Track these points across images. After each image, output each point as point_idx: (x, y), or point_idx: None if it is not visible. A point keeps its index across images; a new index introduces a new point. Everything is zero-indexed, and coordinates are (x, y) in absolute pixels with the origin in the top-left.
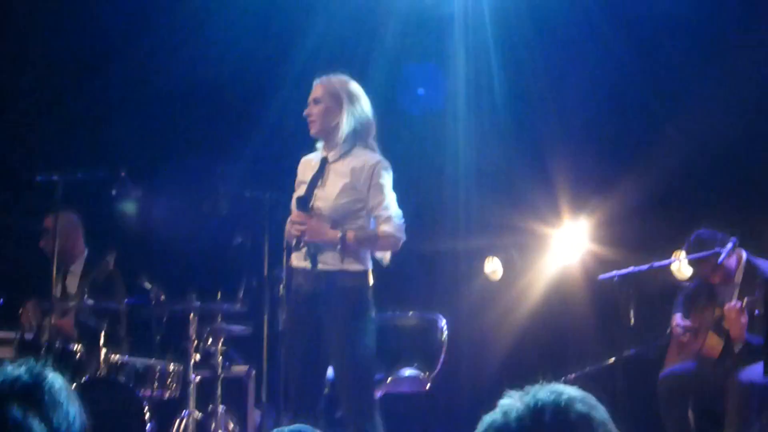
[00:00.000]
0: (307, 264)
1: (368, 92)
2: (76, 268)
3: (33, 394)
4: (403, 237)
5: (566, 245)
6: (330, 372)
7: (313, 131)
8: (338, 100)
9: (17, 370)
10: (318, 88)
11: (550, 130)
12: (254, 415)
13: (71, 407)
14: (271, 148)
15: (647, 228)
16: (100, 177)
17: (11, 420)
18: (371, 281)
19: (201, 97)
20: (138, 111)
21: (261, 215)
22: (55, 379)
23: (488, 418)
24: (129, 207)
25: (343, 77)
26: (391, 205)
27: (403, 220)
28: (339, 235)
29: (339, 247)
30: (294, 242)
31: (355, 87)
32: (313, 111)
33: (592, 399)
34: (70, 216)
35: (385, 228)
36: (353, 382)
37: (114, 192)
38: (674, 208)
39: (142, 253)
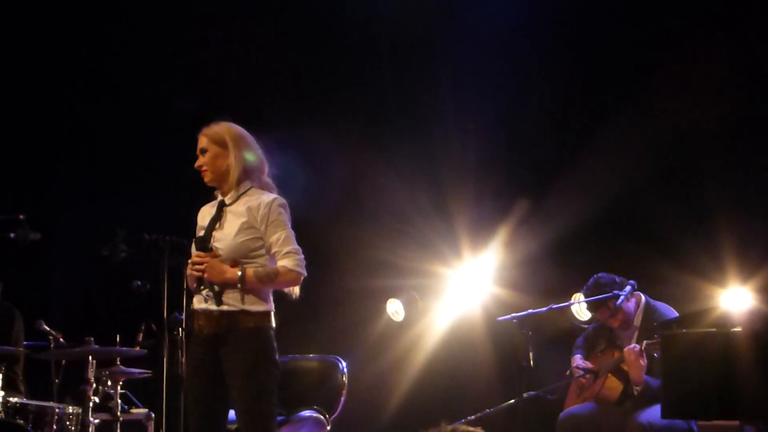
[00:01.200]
0: (208, 305)
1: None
2: None
3: None
4: (303, 273)
5: (467, 287)
6: (232, 414)
7: (207, 180)
8: (223, 144)
9: None
10: (201, 139)
11: (451, 170)
12: None
13: None
14: (171, 191)
15: (547, 271)
16: None
17: None
18: (273, 322)
19: (101, 140)
20: (37, 155)
21: (160, 259)
22: None
23: None
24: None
25: (224, 123)
26: (289, 241)
27: (302, 257)
28: (238, 273)
29: (239, 285)
30: (195, 285)
31: (238, 129)
32: (202, 161)
33: None
34: None
35: (284, 263)
36: (255, 425)
37: (12, 236)
38: (574, 253)
39: (40, 296)
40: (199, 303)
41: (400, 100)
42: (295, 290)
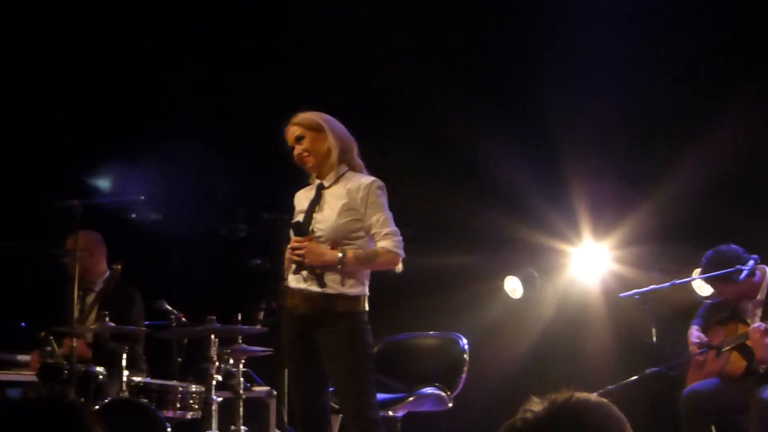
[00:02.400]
0: (306, 286)
1: None
2: (97, 287)
3: (55, 417)
4: (401, 254)
5: (586, 264)
6: None
7: (309, 165)
8: (318, 128)
9: (39, 394)
10: (293, 129)
11: (571, 146)
12: None
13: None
14: (290, 171)
15: (668, 247)
16: (120, 202)
17: None
18: (366, 306)
19: (220, 120)
20: (158, 136)
21: (278, 237)
22: (75, 402)
23: (509, 423)
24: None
25: (308, 111)
26: (388, 222)
27: (401, 238)
28: (339, 255)
29: (340, 267)
30: (293, 267)
31: (324, 114)
32: (301, 148)
33: (610, 407)
34: (93, 234)
35: (384, 244)
36: (355, 404)
37: (133, 216)
38: (696, 227)
39: (161, 276)
40: (296, 282)
41: (517, 73)
42: (399, 266)
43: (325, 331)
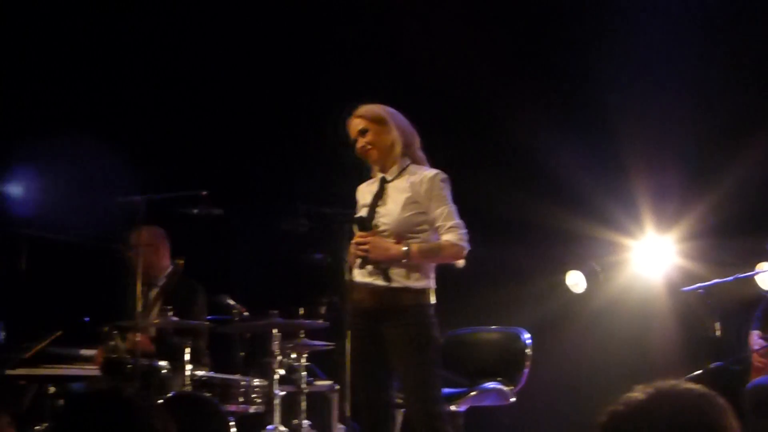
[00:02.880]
0: (371, 280)
1: None
2: (160, 282)
3: (114, 411)
4: (466, 246)
5: (649, 258)
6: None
7: (373, 158)
8: (382, 121)
9: (99, 387)
10: (356, 121)
11: (634, 139)
12: (338, 430)
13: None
14: (351, 165)
15: (733, 240)
16: (182, 197)
17: None
18: (433, 299)
19: (282, 116)
20: (219, 131)
21: (341, 232)
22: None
23: (611, 408)
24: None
25: (371, 103)
26: (452, 215)
27: (465, 230)
28: (403, 249)
29: (405, 261)
30: (358, 262)
31: (387, 107)
32: (365, 141)
33: (713, 395)
34: (156, 229)
35: (448, 237)
36: (421, 398)
37: (196, 212)
38: (761, 220)
39: (224, 271)
40: (362, 277)
41: (579, 64)
42: (461, 261)
43: (391, 325)
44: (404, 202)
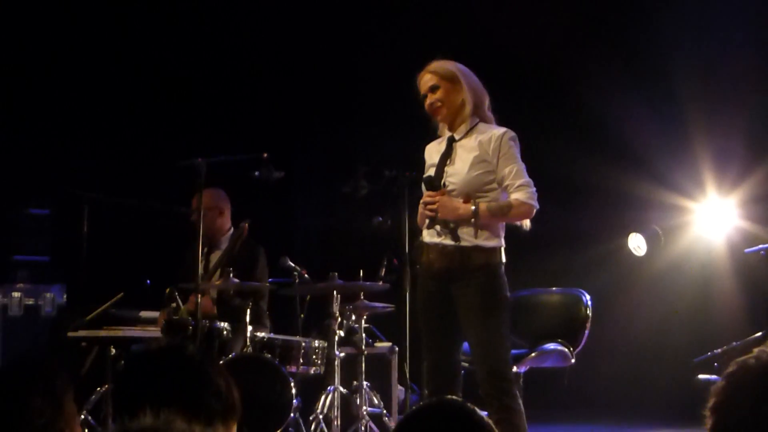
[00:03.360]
0: (440, 240)
1: None
2: (222, 244)
3: (176, 368)
4: (536, 205)
5: (711, 220)
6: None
7: (441, 116)
8: (454, 79)
9: (160, 345)
10: (428, 76)
11: (697, 101)
12: (398, 392)
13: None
14: (410, 127)
15: None
16: (243, 160)
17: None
18: (504, 258)
19: (343, 78)
20: (281, 93)
21: (400, 194)
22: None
23: (741, 360)
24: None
25: (444, 60)
26: (521, 173)
27: (534, 189)
28: (472, 208)
29: (473, 221)
30: (426, 222)
31: (459, 64)
32: (435, 98)
33: None
34: (219, 192)
35: (518, 196)
36: (493, 362)
37: (257, 174)
38: None
39: (284, 233)
40: (431, 237)
41: (644, 27)
42: (526, 223)
43: (461, 284)
44: (472, 161)
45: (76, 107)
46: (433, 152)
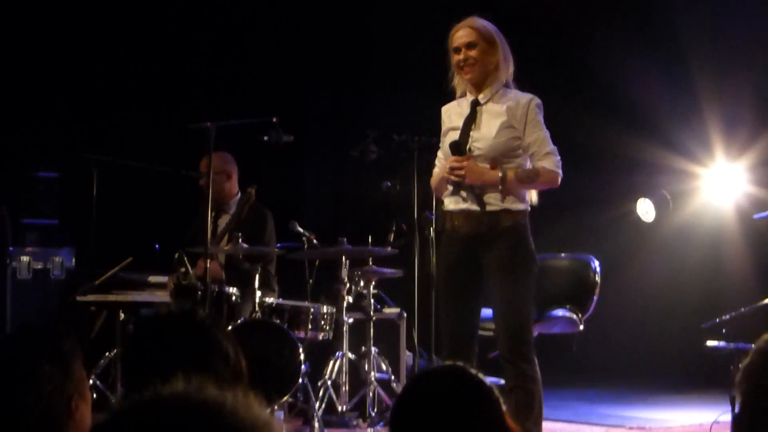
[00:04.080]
0: (467, 206)
1: None
2: (230, 208)
3: (185, 332)
4: (560, 174)
5: (719, 186)
6: (484, 313)
7: (470, 76)
8: (492, 41)
9: (170, 310)
10: (468, 32)
11: (706, 64)
12: (406, 357)
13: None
14: (419, 91)
15: None
16: (252, 124)
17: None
18: (528, 221)
19: (350, 43)
20: (289, 58)
21: (410, 159)
22: (205, 318)
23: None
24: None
25: (482, 20)
26: (547, 141)
27: (559, 157)
28: (499, 175)
29: (500, 187)
30: (450, 189)
31: (496, 27)
32: (469, 55)
33: None
34: (227, 156)
35: (544, 164)
36: (515, 322)
37: (266, 138)
38: None
39: (293, 198)
40: (456, 204)
41: None
42: (534, 197)
43: (490, 247)
44: (499, 126)
45: (85, 70)
46: (453, 114)
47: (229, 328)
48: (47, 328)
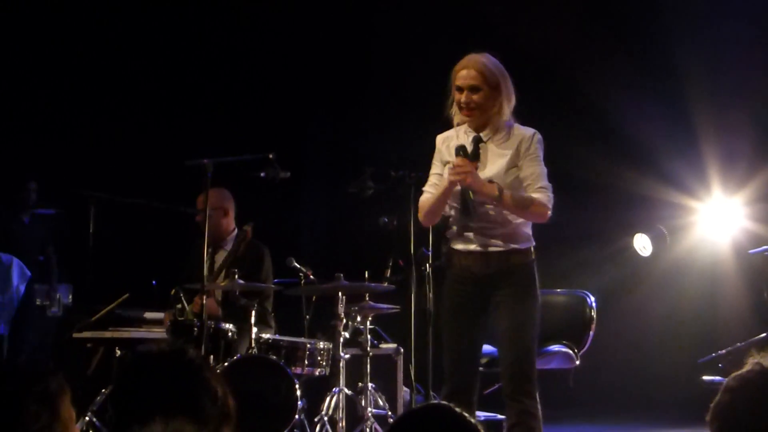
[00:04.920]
0: (475, 246)
1: None
2: (227, 244)
3: (175, 371)
4: (550, 211)
5: (716, 220)
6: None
7: (470, 119)
8: (497, 85)
9: (161, 348)
10: (473, 74)
11: (704, 99)
12: (403, 393)
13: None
14: (417, 127)
15: None
16: (249, 160)
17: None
18: (534, 256)
19: (349, 81)
20: (287, 94)
21: (407, 195)
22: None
23: (739, 374)
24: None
25: (489, 59)
26: (543, 176)
27: (552, 195)
28: (497, 192)
29: (495, 202)
30: (455, 229)
31: (501, 67)
32: (472, 99)
33: None
34: (222, 191)
35: (537, 196)
36: (521, 360)
37: (263, 174)
38: None
39: (290, 234)
40: (464, 244)
41: (650, 25)
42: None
43: (499, 287)
44: (506, 166)
45: (83, 107)
46: (451, 147)
47: (226, 364)
48: (34, 368)
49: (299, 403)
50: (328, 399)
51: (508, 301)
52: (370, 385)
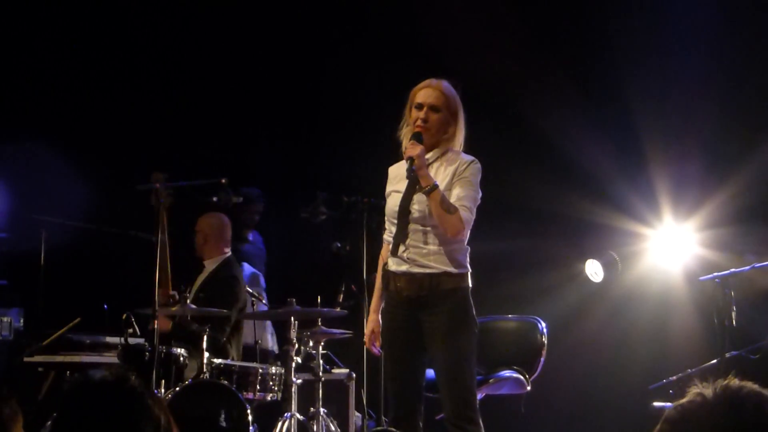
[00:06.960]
0: (406, 268)
1: None
2: (210, 267)
3: (116, 400)
4: (464, 230)
5: (667, 247)
6: (429, 374)
7: (425, 138)
8: (455, 113)
9: (103, 376)
10: (436, 94)
11: (652, 126)
12: (355, 418)
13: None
14: (369, 153)
15: (756, 228)
16: (202, 185)
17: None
18: (470, 283)
19: (300, 104)
20: (238, 119)
21: (359, 221)
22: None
23: (679, 404)
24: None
25: (450, 88)
26: (470, 199)
27: (473, 219)
28: (433, 183)
29: (427, 192)
30: (390, 251)
31: (458, 98)
32: (430, 118)
33: None
34: (214, 217)
35: (460, 212)
36: (458, 387)
37: (215, 199)
38: None
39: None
40: (397, 265)
41: (597, 52)
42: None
43: (431, 311)
44: (444, 187)
45: (33, 130)
46: (398, 176)
47: (177, 389)
48: None
49: (251, 428)
50: (279, 424)
51: (443, 329)
52: (322, 410)
